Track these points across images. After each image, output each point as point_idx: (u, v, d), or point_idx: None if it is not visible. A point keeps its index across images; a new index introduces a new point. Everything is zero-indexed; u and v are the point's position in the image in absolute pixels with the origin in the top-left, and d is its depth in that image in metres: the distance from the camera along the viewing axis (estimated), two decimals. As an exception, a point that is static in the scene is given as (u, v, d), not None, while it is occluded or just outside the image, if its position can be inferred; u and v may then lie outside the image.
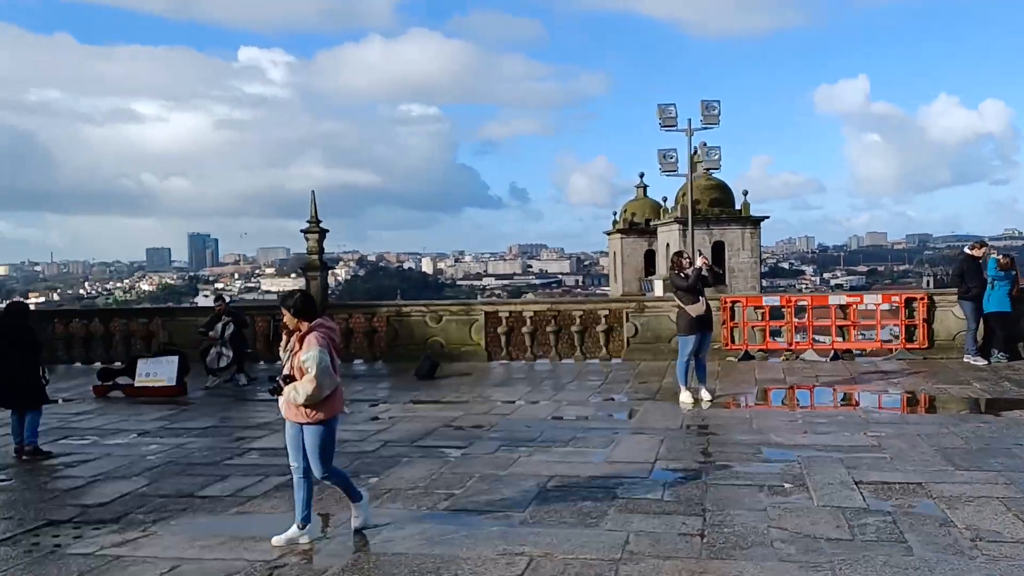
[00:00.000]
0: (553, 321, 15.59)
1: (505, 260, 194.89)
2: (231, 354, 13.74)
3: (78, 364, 16.89)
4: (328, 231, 16.40)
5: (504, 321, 15.76)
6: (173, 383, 12.97)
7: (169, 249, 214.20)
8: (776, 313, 14.99)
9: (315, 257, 16.30)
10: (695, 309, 10.96)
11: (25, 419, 9.05)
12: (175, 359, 13.17)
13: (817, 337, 15.27)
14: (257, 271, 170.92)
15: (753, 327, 14.88)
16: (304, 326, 5.98)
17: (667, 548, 5.70)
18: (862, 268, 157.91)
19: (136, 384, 13.03)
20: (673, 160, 27.32)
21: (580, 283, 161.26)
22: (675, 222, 50.00)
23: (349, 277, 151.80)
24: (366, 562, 5.67)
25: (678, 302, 11.14)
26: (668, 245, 52.91)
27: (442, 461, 8.32)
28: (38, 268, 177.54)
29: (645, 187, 60.56)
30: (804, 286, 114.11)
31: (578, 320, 15.49)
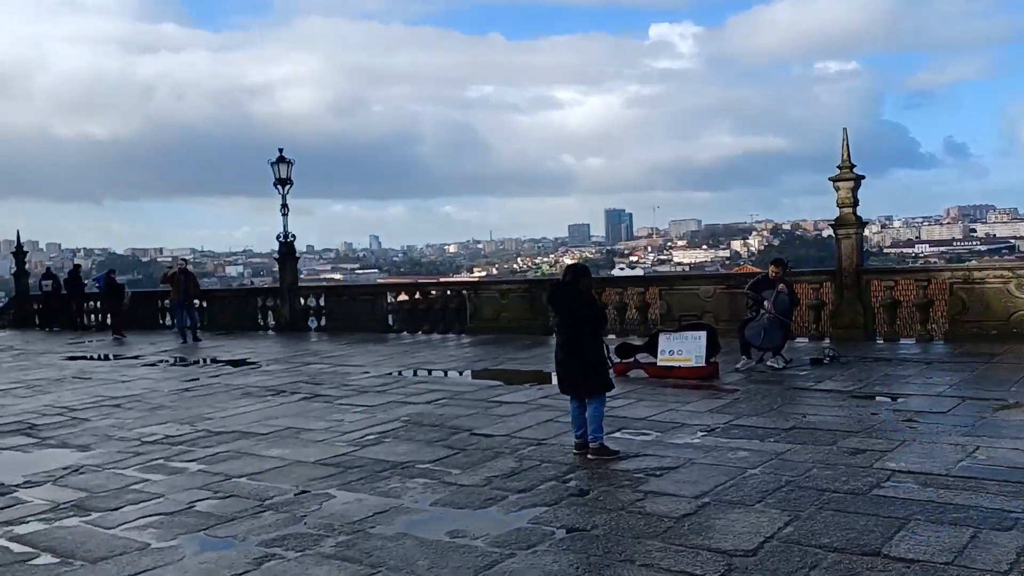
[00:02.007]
0: None
1: (942, 224, 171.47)
2: (778, 332, 11.14)
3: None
4: (864, 177, 13.05)
5: None
6: (702, 363, 10.81)
7: (588, 225, 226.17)
8: None
9: (848, 210, 13.03)
10: None
11: (587, 409, 7.30)
12: (702, 335, 10.99)
13: None
14: (668, 243, 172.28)
15: None
16: None
17: None
18: None
19: (659, 363, 11.12)
20: None
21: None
22: None
23: (763, 247, 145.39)
24: None
25: None
26: None
27: None
28: (480, 246, 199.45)
29: None
30: None
31: None
